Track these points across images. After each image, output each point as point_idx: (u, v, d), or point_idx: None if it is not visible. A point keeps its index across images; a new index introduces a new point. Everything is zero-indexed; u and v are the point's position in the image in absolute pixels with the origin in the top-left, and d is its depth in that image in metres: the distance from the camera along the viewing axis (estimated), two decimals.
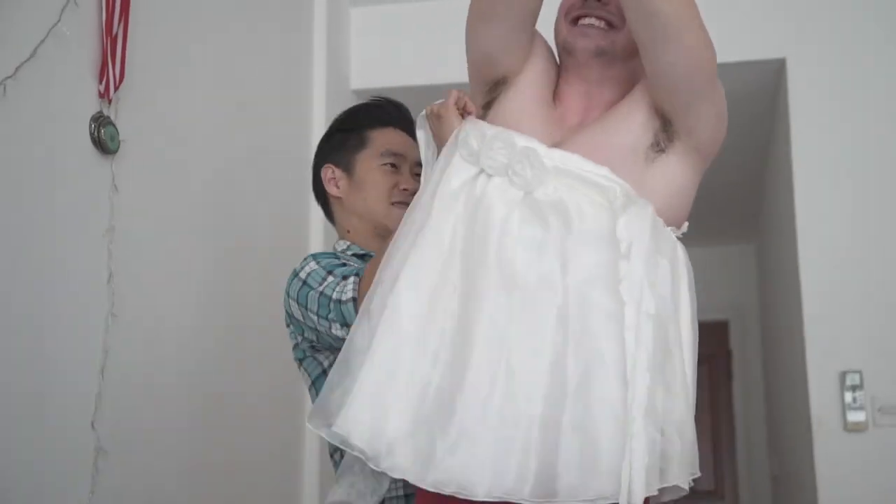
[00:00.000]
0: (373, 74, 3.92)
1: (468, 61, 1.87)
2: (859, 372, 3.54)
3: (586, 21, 1.77)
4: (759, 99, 4.33)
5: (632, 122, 1.69)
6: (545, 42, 1.88)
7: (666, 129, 1.70)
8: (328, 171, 2.13)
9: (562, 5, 1.84)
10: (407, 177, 2.14)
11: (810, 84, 3.83)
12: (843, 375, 3.57)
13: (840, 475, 3.53)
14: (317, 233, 3.70)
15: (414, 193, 1.88)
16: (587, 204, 1.62)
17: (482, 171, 1.67)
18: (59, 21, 2.16)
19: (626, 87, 1.79)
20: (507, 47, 1.80)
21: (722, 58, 3.80)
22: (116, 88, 2.33)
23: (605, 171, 1.63)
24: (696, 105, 1.68)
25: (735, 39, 3.81)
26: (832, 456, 3.57)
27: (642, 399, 1.47)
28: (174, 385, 2.65)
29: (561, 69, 1.86)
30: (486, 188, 1.65)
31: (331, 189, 2.11)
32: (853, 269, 3.70)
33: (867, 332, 3.60)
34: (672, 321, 1.61)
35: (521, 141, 1.67)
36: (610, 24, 1.77)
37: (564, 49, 1.81)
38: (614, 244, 1.57)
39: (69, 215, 2.26)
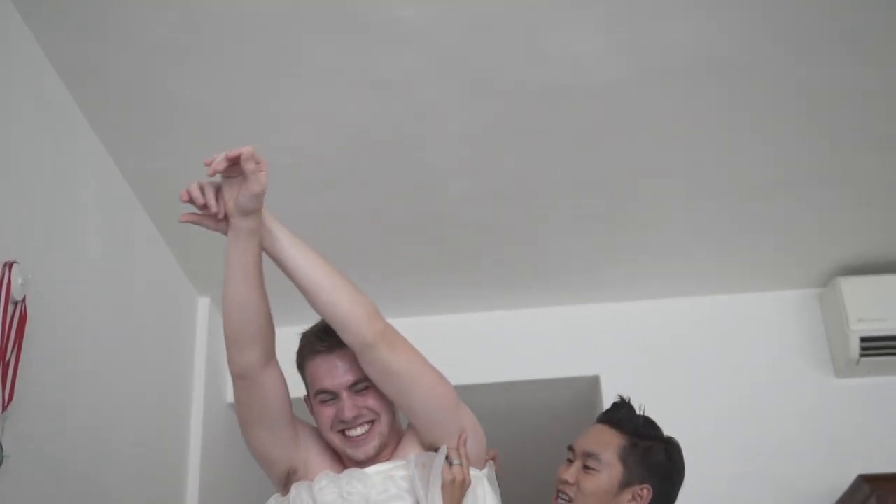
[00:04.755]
0: None
1: (258, 463, 1.98)
2: None
3: (354, 434, 1.87)
4: (579, 408, 4.30)
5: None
6: (307, 427, 1.99)
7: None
8: None
9: (321, 421, 1.91)
10: None
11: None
12: None
13: None
14: None
15: None
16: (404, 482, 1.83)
17: None
18: None
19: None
20: (276, 443, 1.91)
21: (547, 374, 3.87)
22: (4, 409, 2.27)
23: (402, 461, 1.84)
24: (452, 428, 1.87)
25: (557, 359, 4.01)
26: None
27: None
28: None
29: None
30: None
31: None
32: None
33: None
34: None
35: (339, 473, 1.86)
36: (371, 421, 1.87)
37: (346, 455, 1.90)
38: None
39: None
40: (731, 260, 3.81)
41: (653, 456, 2.13)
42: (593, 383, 4.02)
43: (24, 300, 2.37)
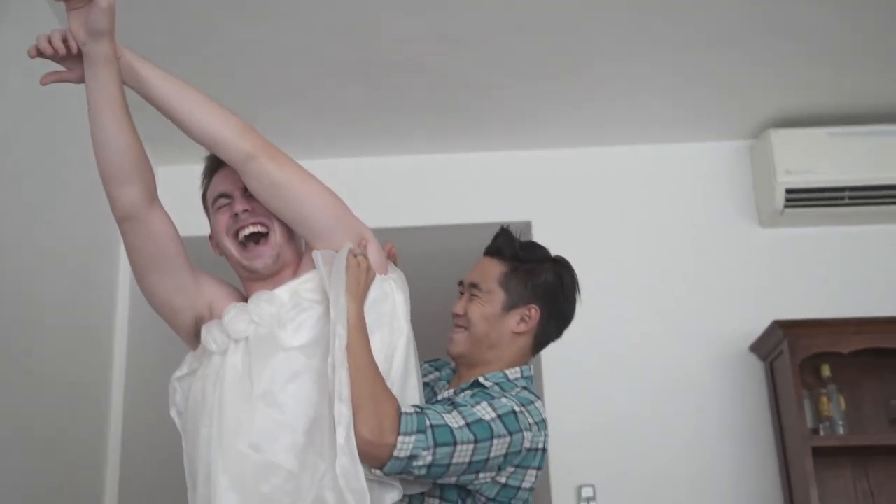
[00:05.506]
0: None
1: (165, 321, 2.01)
2: (592, 486, 3.74)
3: (247, 231, 1.95)
4: None
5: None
6: (209, 274, 2.03)
7: None
8: None
9: (218, 229, 2.00)
10: None
11: (551, 243, 3.99)
12: (578, 490, 3.76)
13: None
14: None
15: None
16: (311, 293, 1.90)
17: (235, 341, 1.87)
18: None
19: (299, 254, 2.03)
20: (176, 289, 1.95)
21: (478, 219, 3.86)
22: None
23: (307, 275, 1.90)
24: (350, 234, 1.94)
25: (489, 204, 4.05)
26: None
27: None
28: None
29: (243, 276, 2.02)
30: (249, 348, 1.85)
31: None
32: (589, 403, 3.78)
33: (599, 451, 3.77)
34: None
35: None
36: (264, 224, 1.95)
37: (244, 268, 1.97)
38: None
39: None
40: (667, 110, 3.85)
41: (537, 277, 2.17)
42: (525, 229, 3.96)
43: None
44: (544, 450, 2.05)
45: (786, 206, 3.78)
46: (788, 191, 3.77)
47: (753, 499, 3.70)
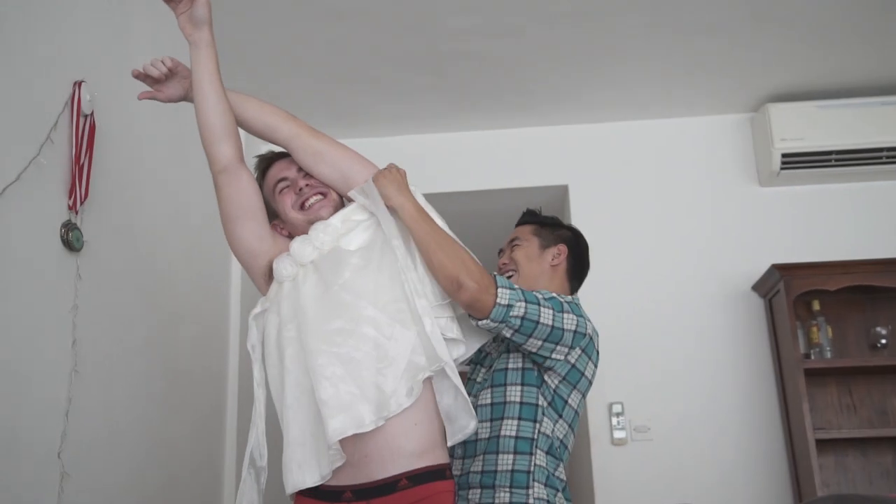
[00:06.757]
0: None
1: (244, 267, 2.12)
2: (621, 402, 3.94)
3: (312, 201, 2.09)
4: (552, 212, 4.00)
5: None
6: (283, 236, 2.14)
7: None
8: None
9: (285, 209, 2.11)
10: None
11: (585, 202, 4.22)
12: (609, 406, 3.97)
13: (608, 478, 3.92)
14: (236, 290, 3.91)
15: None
16: (358, 215, 2.05)
17: (302, 266, 2.01)
18: (38, 154, 2.32)
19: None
20: (258, 235, 2.06)
21: (523, 183, 4.20)
22: (82, 203, 2.51)
23: (350, 205, 2.08)
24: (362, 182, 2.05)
25: (531, 170, 4.29)
26: (602, 463, 3.93)
27: None
28: (123, 423, 2.73)
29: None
30: (313, 262, 2.00)
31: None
32: (618, 333, 3.89)
33: (626, 374, 3.97)
34: None
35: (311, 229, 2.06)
36: (323, 193, 2.09)
37: (311, 223, 2.07)
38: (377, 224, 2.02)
39: (43, 298, 2.36)
40: (680, 89, 4.05)
41: (559, 230, 2.42)
42: (562, 192, 4.34)
43: (92, 114, 2.56)
44: (598, 352, 2.21)
45: (781, 168, 3.97)
46: (784, 155, 3.95)
47: (755, 411, 3.91)
